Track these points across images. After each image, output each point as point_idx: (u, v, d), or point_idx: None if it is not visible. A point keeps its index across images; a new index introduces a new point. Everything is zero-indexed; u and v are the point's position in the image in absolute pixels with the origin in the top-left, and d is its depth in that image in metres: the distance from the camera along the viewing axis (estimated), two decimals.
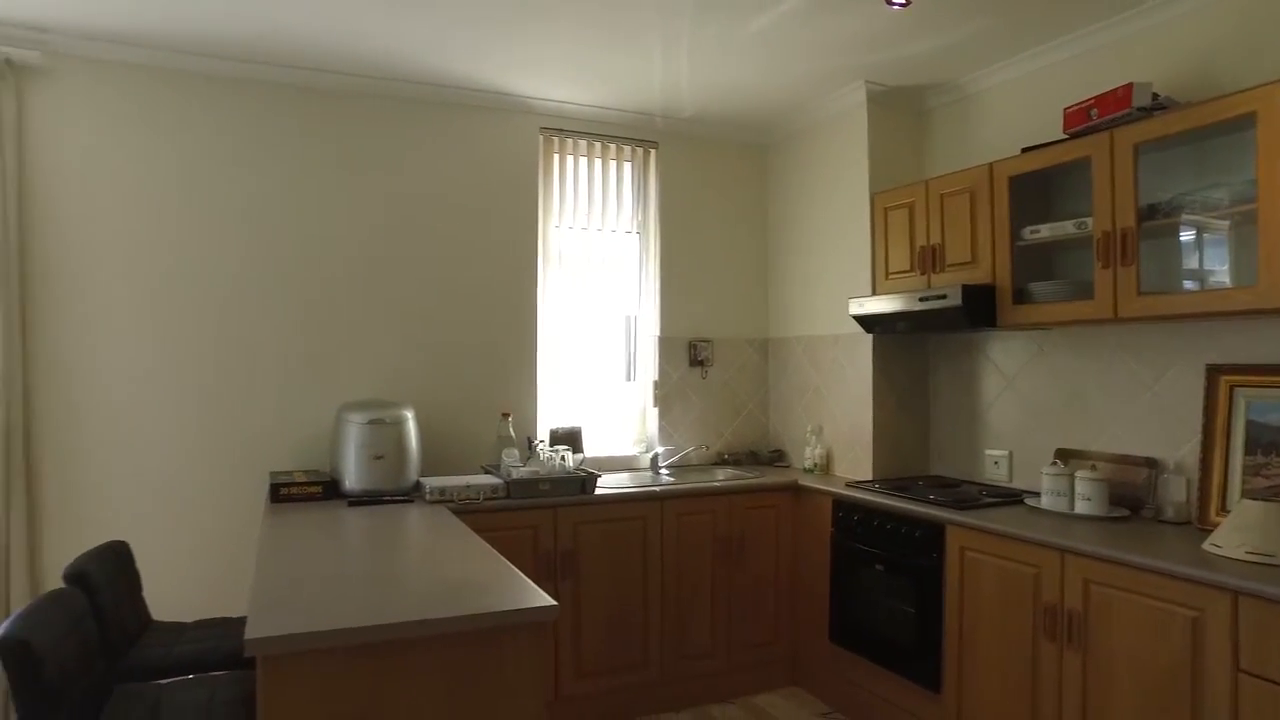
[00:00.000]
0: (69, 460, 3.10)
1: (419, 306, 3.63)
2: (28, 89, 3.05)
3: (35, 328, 3.06)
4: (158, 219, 3.24)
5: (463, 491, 3.06)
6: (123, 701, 2.08)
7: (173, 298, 3.25)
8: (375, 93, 3.54)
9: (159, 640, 2.49)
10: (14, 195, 2.99)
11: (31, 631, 1.80)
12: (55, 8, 2.84)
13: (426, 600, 1.83)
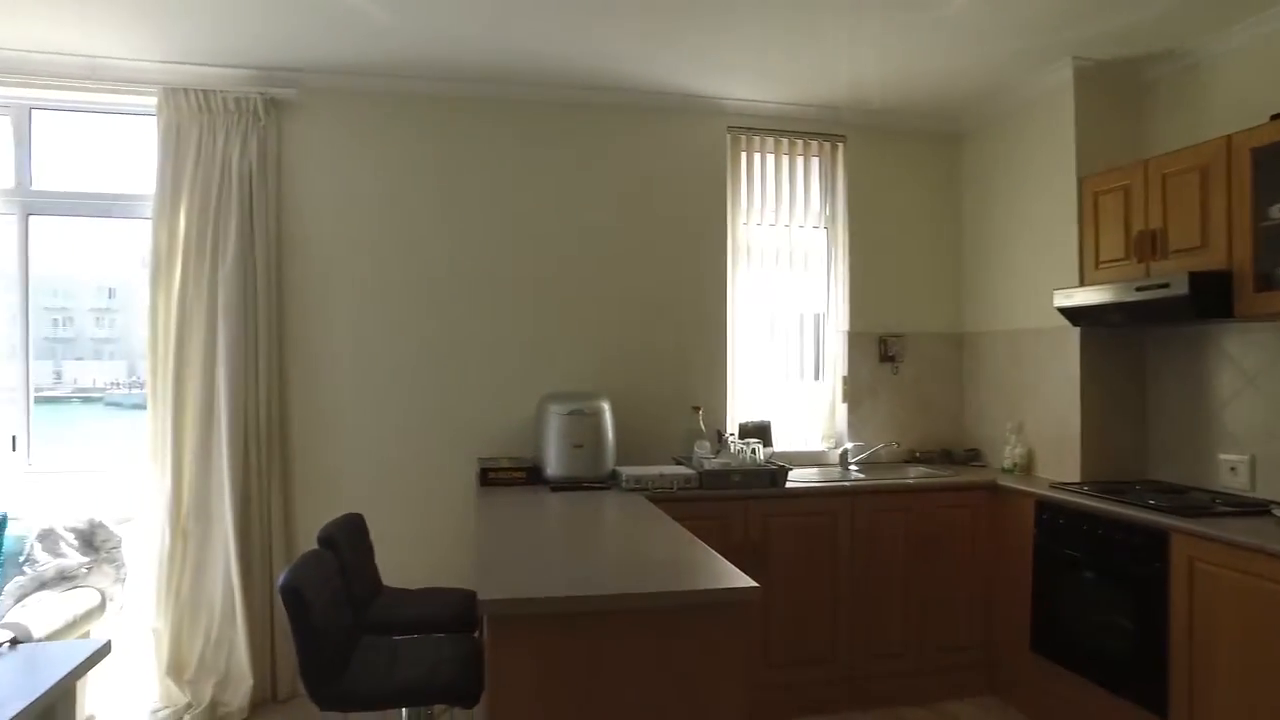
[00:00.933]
0: (315, 444, 3.56)
1: (615, 303, 3.82)
2: (285, 122, 3.52)
3: (289, 332, 3.53)
4: (389, 230, 3.63)
5: (657, 480, 3.20)
6: (368, 649, 2.36)
7: (399, 301, 3.64)
8: (577, 102, 3.77)
9: (389, 602, 2.79)
10: (274, 216, 3.46)
11: (301, 581, 2.10)
12: (308, 50, 3.27)
13: (635, 576, 1.95)
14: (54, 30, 3.11)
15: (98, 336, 4.00)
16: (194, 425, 3.33)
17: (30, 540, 3.02)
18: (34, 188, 3.47)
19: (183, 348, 3.33)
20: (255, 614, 3.35)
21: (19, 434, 3.47)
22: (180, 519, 3.31)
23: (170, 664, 3.30)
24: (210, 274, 3.33)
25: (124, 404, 13.16)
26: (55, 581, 3.01)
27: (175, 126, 3.34)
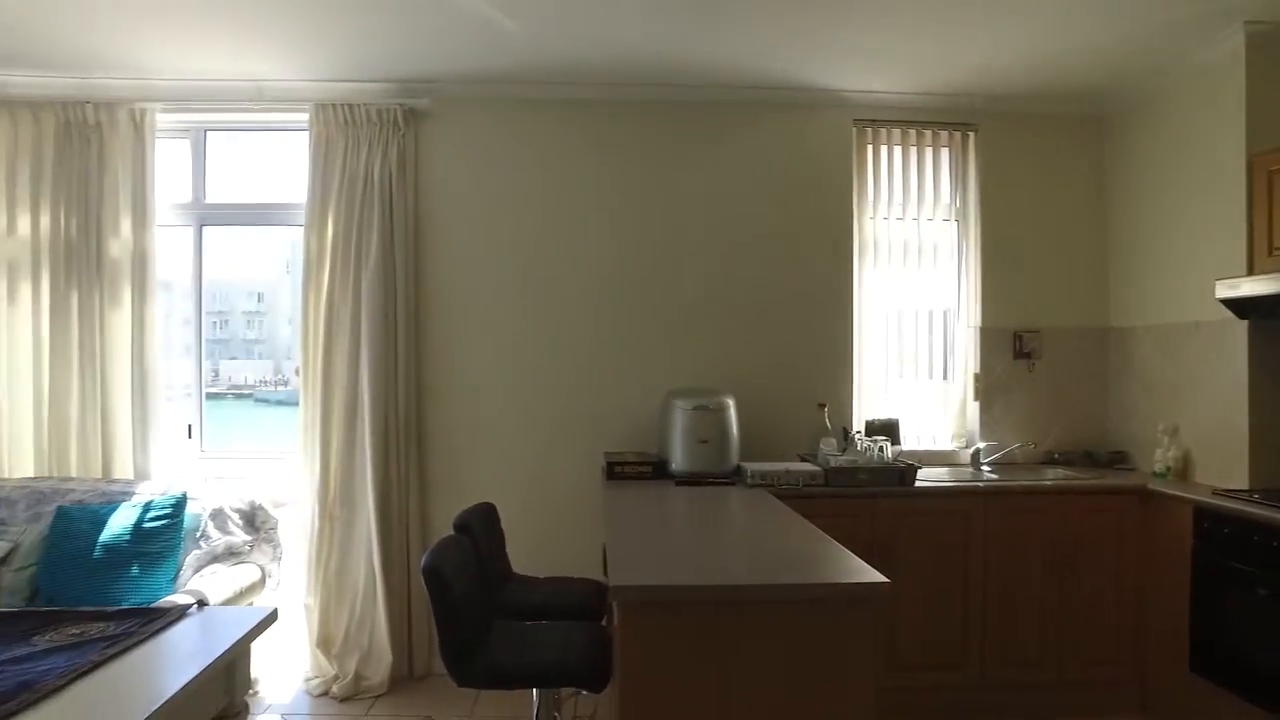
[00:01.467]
0: (449, 438, 3.74)
1: (740, 299, 3.82)
2: (422, 131, 3.72)
3: (425, 331, 3.72)
4: (519, 231, 3.78)
5: (782, 477, 3.17)
6: (501, 631, 2.46)
7: (529, 300, 3.77)
8: (701, 100, 3.79)
9: (519, 589, 2.90)
10: (412, 221, 3.66)
11: (441, 562, 2.21)
12: (442, 61, 3.44)
13: (763, 568, 1.95)
14: (228, 60, 3.42)
15: (249, 338, 4.33)
16: (340, 419, 3.56)
17: (204, 518, 3.32)
18: (206, 201, 3.83)
19: (330, 347, 3.57)
20: (394, 595, 3.55)
21: (194, 424, 3.83)
22: (328, 505, 3.55)
23: (319, 638, 3.55)
24: (355, 277, 3.56)
25: (270, 400, 14.09)
26: (224, 556, 3.31)
27: (324, 139, 3.59)
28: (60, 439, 3.59)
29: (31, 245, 3.60)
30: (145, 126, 3.61)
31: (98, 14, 3.03)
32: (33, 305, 3.60)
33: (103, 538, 3.10)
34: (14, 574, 3.09)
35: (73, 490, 3.37)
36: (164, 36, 3.21)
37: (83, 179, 3.59)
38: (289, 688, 3.57)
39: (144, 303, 3.61)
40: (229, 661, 1.95)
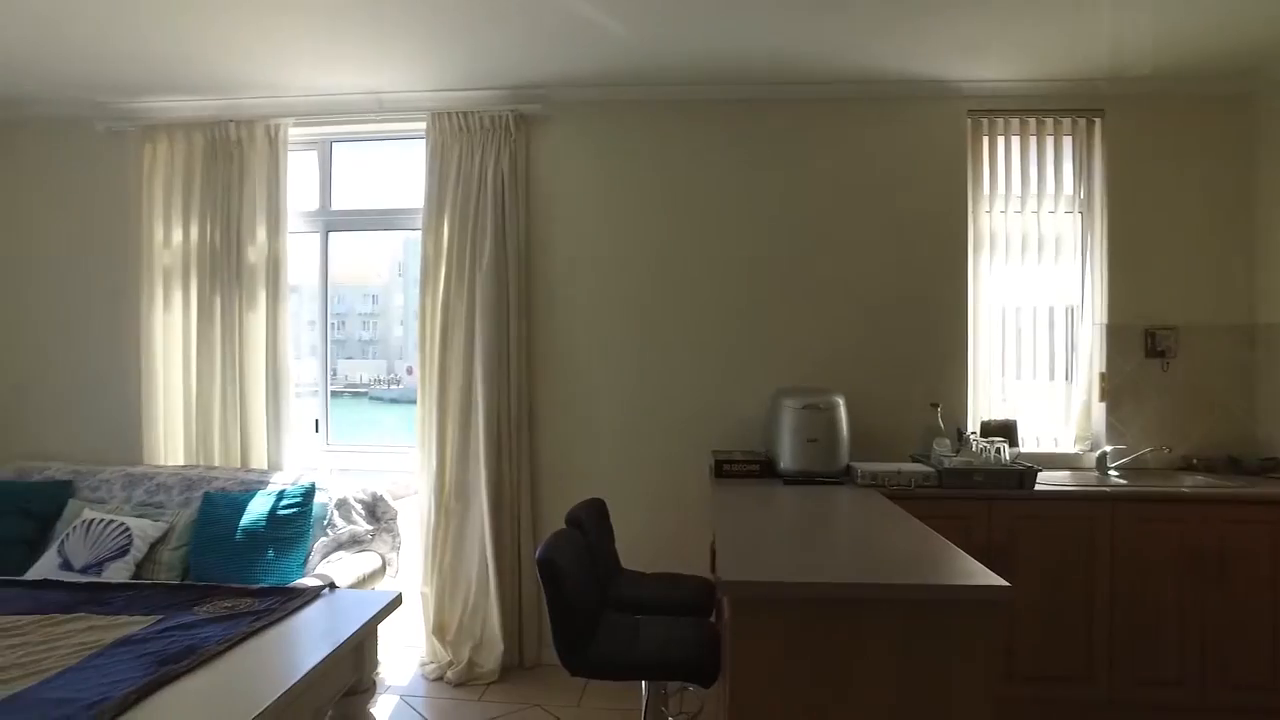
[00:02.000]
0: (559, 434, 3.83)
1: (849, 297, 3.76)
2: (533, 135, 3.83)
3: (536, 330, 3.83)
4: (627, 230, 3.83)
5: (894, 477, 3.10)
6: (611, 623, 2.50)
7: (638, 298, 3.82)
8: (808, 97, 3.75)
9: (627, 583, 2.94)
10: (524, 222, 3.77)
11: (556, 554, 2.28)
12: (552, 66, 3.53)
13: (878, 568, 1.92)
14: (352, 76, 3.62)
15: (364, 338, 4.51)
16: (455, 416, 3.70)
17: (330, 507, 3.53)
18: (332, 208, 4.06)
19: (446, 346, 3.72)
20: (506, 587, 3.66)
21: (320, 419, 4.07)
22: (444, 498, 3.70)
23: (435, 625, 3.71)
24: (469, 278, 3.70)
25: (383, 398, 14.55)
26: (348, 544, 3.49)
27: (440, 146, 3.75)
28: (205, 431, 3.88)
29: (182, 253, 3.92)
30: (279, 140, 3.86)
31: (240, 44, 3.28)
32: (183, 309, 3.91)
33: (242, 522, 3.34)
34: (170, 552, 3.37)
35: (217, 478, 3.65)
36: (296, 58, 3.43)
37: (225, 191, 3.87)
38: (407, 671, 3.74)
39: (277, 305, 3.86)
40: (359, 641, 2.07)
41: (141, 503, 3.61)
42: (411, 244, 12.55)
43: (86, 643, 1.88)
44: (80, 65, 3.57)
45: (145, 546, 3.35)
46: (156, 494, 3.63)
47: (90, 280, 4.12)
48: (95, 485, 3.72)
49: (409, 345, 17.77)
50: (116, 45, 3.33)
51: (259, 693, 1.73)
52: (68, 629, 1.98)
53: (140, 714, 1.57)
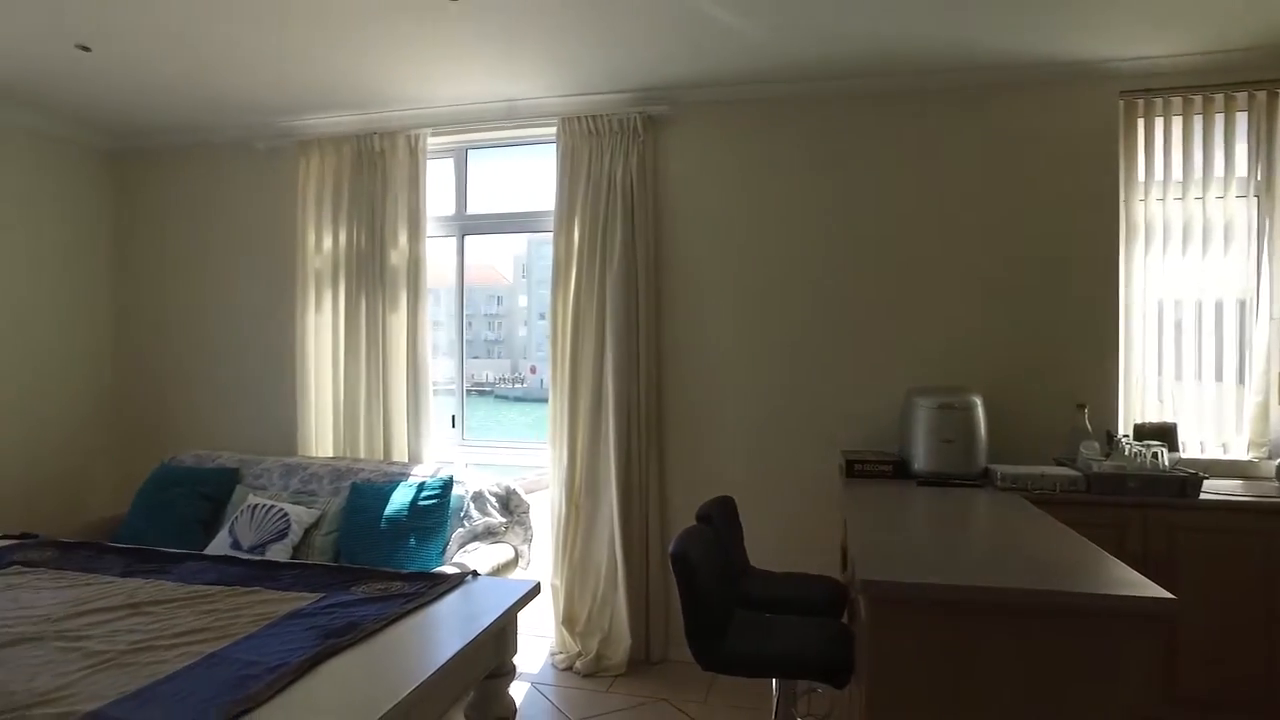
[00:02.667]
0: (687, 432, 3.85)
1: (987, 293, 3.59)
2: (661, 136, 3.87)
3: (665, 329, 3.87)
4: (755, 229, 3.81)
5: (1037, 481, 2.95)
6: (742, 621, 2.50)
7: (765, 297, 3.80)
8: (938, 87, 3.62)
9: (757, 581, 2.93)
10: (652, 223, 3.82)
11: (689, 549, 2.30)
12: (679, 68, 3.56)
13: (1025, 574, 1.83)
14: (485, 85, 3.77)
15: (489, 338, 4.68)
16: (586, 413, 3.79)
17: (467, 499, 3.69)
18: (468, 213, 4.25)
19: (577, 344, 3.81)
20: (633, 582, 3.72)
21: (456, 415, 4.26)
22: (574, 493, 3.80)
23: (565, 616, 3.81)
24: (600, 278, 3.78)
25: (508, 396, 14.99)
26: (483, 535, 3.64)
27: (570, 150, 3.85)
28: (351, 424, 4.14)
29: (332, 258, 4.20)
30: (419, 150, 4.07)
31: (384, 61, 3.48)
32: (332, 310, 4.19)
33: (387, 511, 3.53)
34: (323, 537, 3.61)
35: (362, 469, 3.88)
36: (434, 72, 3.60)
37: (370, 199, 4.11)
38: (537, 659, 3.86)
39: (417, 306, 4.07)
40: (502, 627, 2.16)
41: (297, 490, 3.89)
42: (535, 246, 12.95)
43: (263, 614, 2.05)
44: (246, 92, 3.88)
45: (301, 531, 3.60)
46: (310, 483, 3.90)
47: (254, 285, 4.48)
48: (258, 473, 4.04)
49: (532, 345, 18.33)
50: (278, 71, 3.61)
51: (413, 669, 1.83)
52: (248, 600, 2.16)
53: (311, 680, 1.70)
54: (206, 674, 1.69)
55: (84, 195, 4.62)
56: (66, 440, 4.52)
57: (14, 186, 4.23)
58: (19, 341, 4.26)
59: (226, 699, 1.57)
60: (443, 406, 4.25)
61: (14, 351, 4.23)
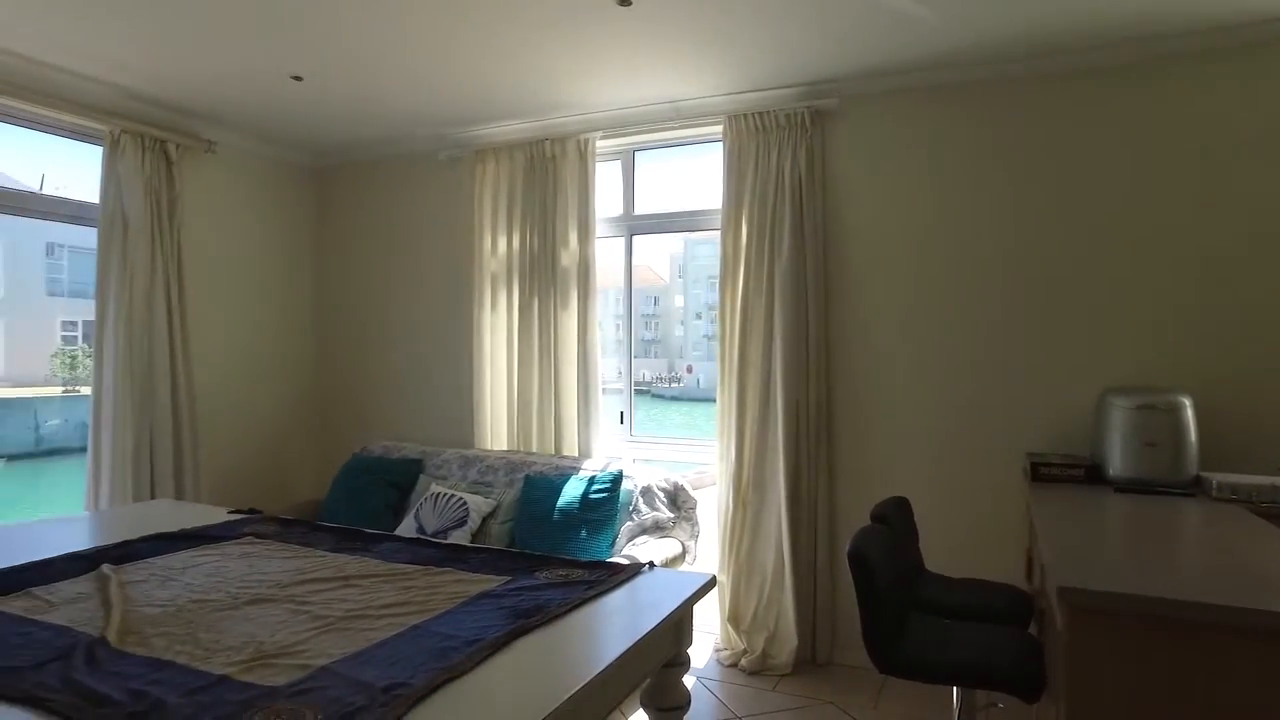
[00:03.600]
0: (858, 430, 3.76)
1: (1197, 284, 3.26)
2: (828, 130, 3.80)
3: (834, 324, 3.79)
4: (931, 221, 3.67)
5: (1264, 492, 2.65)
6: (920, 625, 2.42)
7: (942, 291, 3.64)
8: (1143, 57, 3.33)
9: (934, 586, 2.81)
10: (821, 218, 3.76)
11: (866, 548, 2.25)
12: (847, 60, 3.48)
13: (1256, 593, 1.66)
14: (652, 88, 3.85)
15: (646, 338, 4.74)
16: (754, 410, 3.79)
17: (635, 494, 3.78)
18: (635, 213, 4.36)
19: (745, 342, 3.82)
20: (801, 581, 3.67)
21: (625, 411, 4.38)
22: (741, 490, 3.80)
23: (730, 613, 3.82)
24: (768, 275, 3.76)
25: (664, 395, 15.45)
26: (651, 529, 3.72)
27: (737, 147, 3.86)
28: (524, 419, 4.35)
29: (506, 260, 4.43)
30: (588, 153, 4.21)
31: (555, 70, 3.63)
32: (506, 310, 4.42)
33: (559, 503, 3.69)
34: (499, 526, 3.82)
35: (535, 463, 4.06)
36: (601, 77, 3.71)
37: (542, 203, 4.30)
38: (702, 654, 3.89)
39: (587, 305, 4.21)
40: (679, 617, 2.20)
41: (474, 481, 4.13)
42: (692, 246, 13.14)
43: (457, 592, 2.20)
44: (428, 108, 4.18)
45: (479, 519, 3.83)
46: (486, 474, 4.13)
47: (435, 287, 4.80)
48: (439, 464, 4.33)
49: (688, 345, 18.52)
50: (455, 87, 3.85)
51: (599, 652, 1.91)
52: (441, 579, 2.33)
53: (506, 655, 1.81)
54: (413, 643, 1.84)
55: (293, 210, 5.13)
56: (277, 432, 5.03)
57: (236, 204, 4.76)
58: (243, 345, 4.79)
59: (433, 666, 1.70)
60: (607, 405, 4.38)
61: (238, 353, 4.76)
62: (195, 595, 2.20)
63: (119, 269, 4.01)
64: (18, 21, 3.20)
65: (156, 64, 3.63)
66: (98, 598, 2.18)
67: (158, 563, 2.54)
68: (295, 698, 1.56)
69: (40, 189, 4.58)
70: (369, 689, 1.59)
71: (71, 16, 3.16)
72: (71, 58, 3.58)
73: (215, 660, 1.76)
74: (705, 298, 17.91)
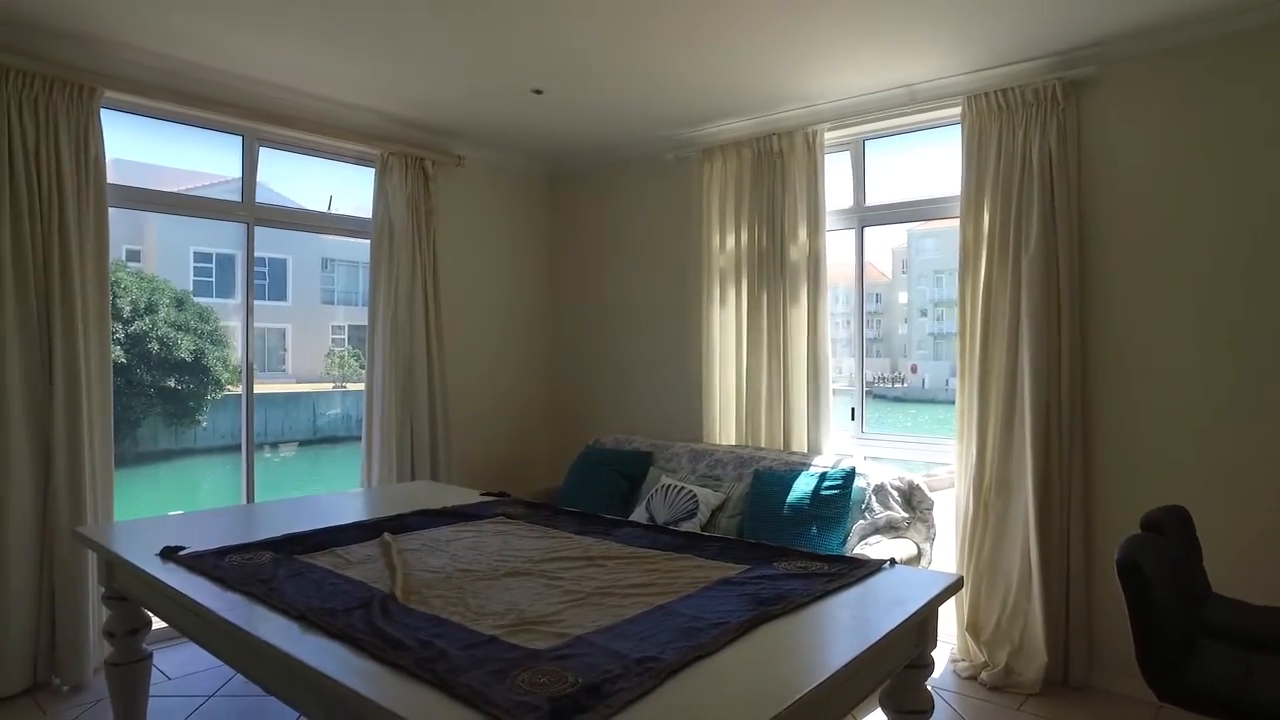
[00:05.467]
0: (1122, 430, 3.38)
1: None
2: (1084, 102, 3.45)
3: (1092, 316, 3.44)
4: (1205, 195, 3.22)
5: None
6: (1214, 652, 2.14)
7: (1226, 275, 3.17)
8: None
9: (1226, 610, 2.48)
10: (1075, 200, 3.43)
11: (1139, 559, 2.03)
12: (1107, 19, 3.14)
13: None
14: (883, 74, 3.72)
15: (867, 336, 4.56)
16: (997, 408, 3.54)
17: (868, 492, 3.67)
18: (866, 204, 4.24)
19: (988, 336, 3.57)
20: (1052, 594, 3.38)
21: (856, 407, 4.27)
22: (983, 492, 3.57)
23: (969, 622, 3.60)
24: (1014, 264, 3.50)
25: (886, 396, 14.95)
26: (885, 529, 3.59)
27: (978, 129, 3.62)
28: (753, 414, 4.37)
29: (734, 257, 4.47)
30: (816, 146, 4.15)
31: (780, 64, 3.63)
32: (735, 305, 4.47)
33: (789, 499, 3.66)
34: (727, 519, 3.87)
35: (764, 458, 4.07)
36: (829, 66, 3.64)
37: (769, 198, 4.30)
38: (937, 663, 3.68)
39: (817, 300, 4.16)
40: (924, 618, 2.11)
41: (703, 474, 4.21)
42: (916, 239, 12.71)
43: (698, 578, 2.26)
44: (656, 110, 4.33)
45: (708, 512, 3.89)
46: (715, 468, 4.20)
47: (664, 285, 4.96)
48: (668, 457, 4.46)
49: (912, 343, 17.63)
50: (682, 88, 3.96)
51: (840, 645, 1.88)
52: (681, 565, 2.40)
53: (750, 640, 1.84)
54: (660, 621, 1.92)
55: (530, 215, 5.53)
56: (516, 423, 5.44)
57: (481, 213, 5.21)
58: (486, 343, 5.24)
59: (681, 644, 1.76)
60: (838, 400, 4.30)
61: (482, 351, 5.21)
62: (461, 565, 2.45)
63: (387, 276, 4.54)
64: (312, 64, 3.73)
65: (418, 91, 4.07)
66: (383, 560, 2.49)
67: (426, 534, 2.85)
68: (556, 661, 1.69)
69: (329, 209, 5.30)
70: (623, 659, 1.68)
71: (351, 57, 3.64)
72: (351, 93, 4.11)
73: (484, 622, 1.94)
74: (931, 293, 16.95)
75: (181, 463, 11.33)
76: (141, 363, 10.33)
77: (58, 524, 3.36)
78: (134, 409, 10.59)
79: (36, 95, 3.31)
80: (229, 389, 11.11)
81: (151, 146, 9.26)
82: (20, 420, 3.30)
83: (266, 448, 12.02)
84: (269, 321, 12.46)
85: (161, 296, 10.58)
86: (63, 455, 3.38)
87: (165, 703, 3.27)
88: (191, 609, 2.17)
